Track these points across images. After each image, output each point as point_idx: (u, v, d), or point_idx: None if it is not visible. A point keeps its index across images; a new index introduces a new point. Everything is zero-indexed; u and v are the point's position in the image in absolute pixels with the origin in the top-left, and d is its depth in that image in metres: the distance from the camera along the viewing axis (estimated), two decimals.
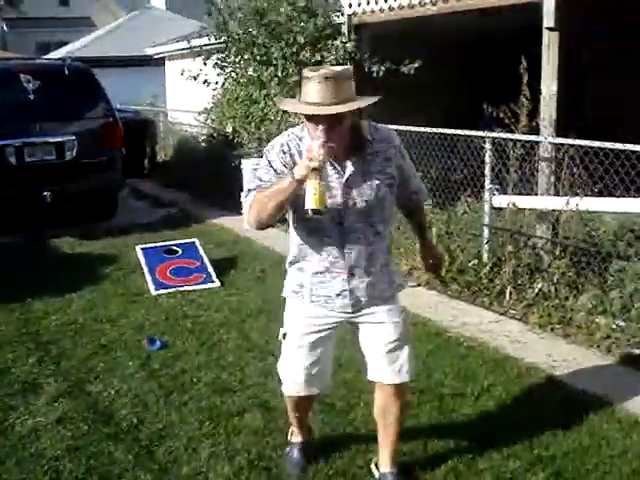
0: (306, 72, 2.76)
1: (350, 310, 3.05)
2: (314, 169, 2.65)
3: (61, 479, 3.41)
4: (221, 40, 9.47)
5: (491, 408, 4.05)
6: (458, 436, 3.71)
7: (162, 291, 6.29)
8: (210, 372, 4.56)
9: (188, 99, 13.67)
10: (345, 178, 2.87)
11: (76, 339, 5.21)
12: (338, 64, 8.28)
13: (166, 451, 3.63)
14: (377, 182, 2.90)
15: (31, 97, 8.57)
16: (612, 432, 3.73)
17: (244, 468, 3.45)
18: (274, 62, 8.56)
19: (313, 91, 2.70)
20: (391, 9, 7.75)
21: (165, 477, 3.40)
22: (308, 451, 3.47)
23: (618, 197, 5.29)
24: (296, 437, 3.50)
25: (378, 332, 3.08)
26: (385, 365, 3.09)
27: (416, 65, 7.96)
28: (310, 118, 2.75)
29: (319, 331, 3.09)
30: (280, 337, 3.19)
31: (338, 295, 3.01)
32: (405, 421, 3.73)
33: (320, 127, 2.72)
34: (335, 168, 2.87)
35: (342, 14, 8.56)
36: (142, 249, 7.07)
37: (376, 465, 3.32)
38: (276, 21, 8.44)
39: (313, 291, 3.04)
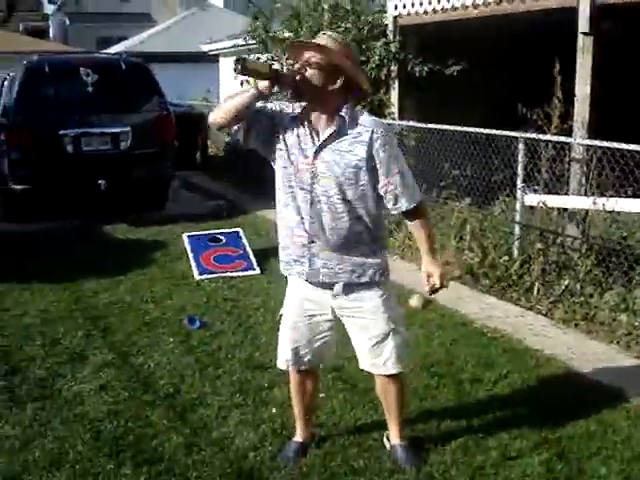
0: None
1: (312, 280, 3.20)
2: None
3: (101, 438, 3.73)
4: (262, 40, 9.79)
5: (506, 394, 4.25)
6: (472, 418, 3.91)
7: (205, 276, 6.61)
8: (244, 350, 4.86)
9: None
10: (317, 146, 3.06)
11: (122, 316, 5.57)
12: (382, 65, 8.56)
13: (198, 418, 3.93)
14: (345, 160, 3.04)
15: (89, 90, 9.00)
16: (619, 420, 3.90)
17: (268, 435, 3.72)
18: None
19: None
20: (435, 11, 7.98)
21: (196, 439, 3.69)
22: (303, 454, 3.54)
23: None
24: (297, 435, 3.63)
25: (361, 327, 3.27)
26: (370, 359, 3.32)
27: (459, 67, 8.15)
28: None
29: (307, 312, 3.32)
30: (278, 317, 3.50)
31: (296, 261, 3.20)
32: (423, 403, 4.01)
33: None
34: (311, 137, 3.08)
35: (387, 16, 8.80)
36: (188, 237, 7.40)
37: (387, 438, 3.57)
38: (317, 23, 8.72)
39: (281, 257, 3.28)
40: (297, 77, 3.01)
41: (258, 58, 9.30)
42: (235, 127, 3.13)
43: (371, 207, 3.15)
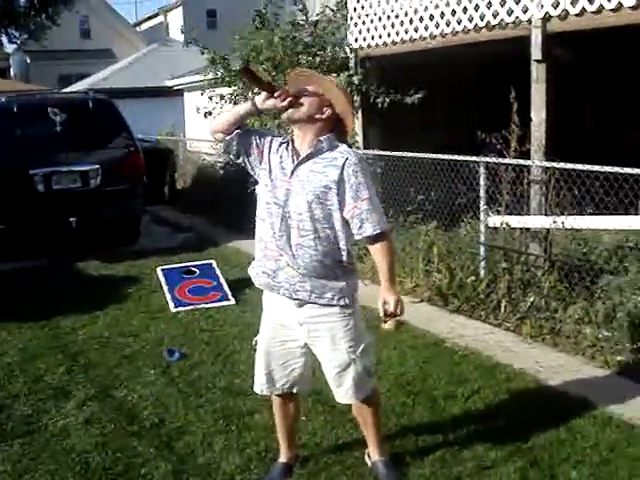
0: None
1: (283, 294, 3.34)
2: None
3: (90, 468, 3.84)
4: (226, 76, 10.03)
5: (479, 408, 4.44)
6: (447, 432, 4.09)
7: (181, 308, 6.73)
8: (224, 379, 4.98)
9: (206, 128, 14.19)
10: (294, 165, 3.27)
11: (102, 351, 5.67)
12: None
13: (184, 445, 4.05)
14: (317, 179, 3.22)
15: (58, 128, 9.10)
16: (587, 427, 4.11)
17: (253, 459, 3.86)
18: None
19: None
20: (394, 43, 8.26)
21: (183, 466, 3.82)
22: (288, 474, 3.69)
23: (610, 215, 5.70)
24: (281, 456, 3.75)
25: (323, 356, 3.43)
26: (334, 387, 3.49)
27: (420, 95, 8.42)
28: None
29: (280, 338, 3.47)
30: (254, 343, 3.66)
31: (264, 273, 3.38)
32: (400, 420, 4.17)
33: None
34: (292, 158, 3.30)
35: (349, 48, 9.08)
36: (162, 270, 7.52)
37: (368, 455, 3.72)
38: (274, 57, 8.98)
39: (254, 268, 3.45)
40: (290, 98, 3.23)
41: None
42: (228, 137, 3.37)
43: (337, 230, 3.27)
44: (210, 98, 10.69)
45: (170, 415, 4.44)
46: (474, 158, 6.49)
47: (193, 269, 7.56)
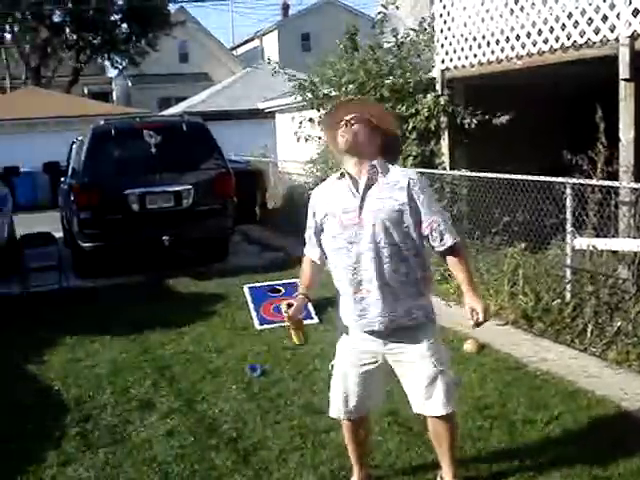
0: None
1: (375, 328, 3.36)
2: (289, 318, 3.41)
3: (169, 479, 3.98)
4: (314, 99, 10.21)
5: (558, 434, 4.35)
6: (524, 458, 4.03)
7: (266, 326, 6.86)
8: (303, 396, 5.06)
9: (296, 150, 14.44)
10: (359, 199, 3.31)
11: (187, 366, 5.85)
12: (431, 117, 8.83)
13: (260, 460, 4.14)
14: (388, 206, 3.27)
15: (152, 150, 9.45)
16: None
17: (326, 477, 3.92)
18: None
19: (341, 106, 3.54)
20: (480, 63, 8.23)
21: None
22: None
23: None
24: (354, 476, 3.81)
25: (410, 370, 3.43)
26: (422, 401, 3.46)
27: (507, 117, 8.35)
28: (338, 123, 3.39)
29: (358, 362, 3.49)
30: (330, 367, 3.68)
31: (353, 315, 3.40)
32: (476, 444, 4.13)
33: (342, 126, 3.35)
34: (351, 191, 3.34)
35: (436, 69, 9.11)
36: (249, 288, 7.68)
37: (441, 477, 3.71)
38: (356, 80, 9.09)
39: (344, 311, 3.47)
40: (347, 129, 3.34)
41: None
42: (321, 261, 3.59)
43: (415, 247, 3.35)
44: (300, 123, 10.89)
45: (248, 430, 4.55)
46: (560, 179, 6.39)
47: (279, 287, 7.68)
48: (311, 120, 10.48)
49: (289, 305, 3.42)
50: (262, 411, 4.83)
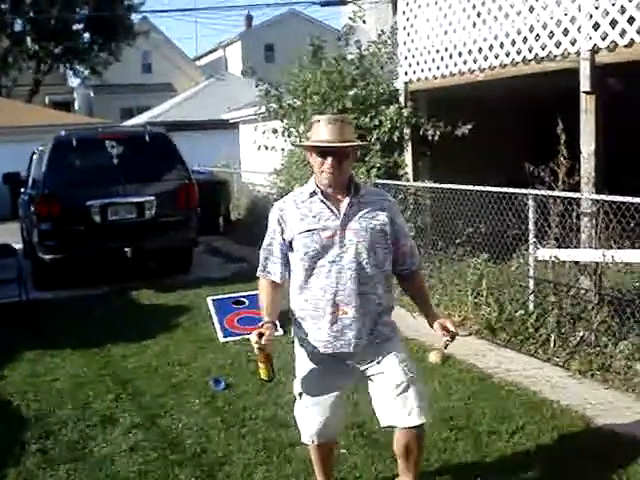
0: (315, 117, 3.32)
1: (349, 350, 3.28)
2: (259, 348, 3.20)
3: None
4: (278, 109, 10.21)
5: (523, 445, 4.36)
6: (489, 469, 4.05)
7: (230, 338, 6.80)
8: (268, 410, 5.01)
9: (260, 161, 14.41)
10: (340, 220, 3.24)
11: (150, 379, 5.77)
12: (394, 128, 8.86)
13: (225, 475, 4.09)
14: (371, 226, 3.25)
15: (115, 161, 9.35)
16: (635, 467, 3.99)
17: None
18: None
19: (324, 131, 3.20)
20: (443, 76, 8.29)
21: None
22: None
23: None
24: None
25: (381, 381, 3.35)
26: (399, 409, 3.32)
27: (469, 127, 8.42)
28: (321, 153, 3.20)
29: (329, 386, 3.40)
30: (296, 394, 3.52)
31: (327, 340, 3.28)
32: (442, 455, 4.13)
33: (329, 160, 3.17)
34: (332, 211, 3.25)
35: (399, 82, 9.17)
36: (212, 300, 7.61)
37: None
38: (320, 90, 9.12)
39: (312, 335, 3.32)
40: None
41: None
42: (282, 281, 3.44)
43: (387, 269, 3.35)
44: (264, 132, 10.86)
45: (213, 445, 4.49)
46: (523, 191, 6.44)
47: (243, 299, 7.62)
48: (275, 131, 10.46)
49: (260, 335, 3.20)
50: (226, 425, 4.77)
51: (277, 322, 6.90)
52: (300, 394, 3.49)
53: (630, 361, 5.38)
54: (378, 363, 3.36)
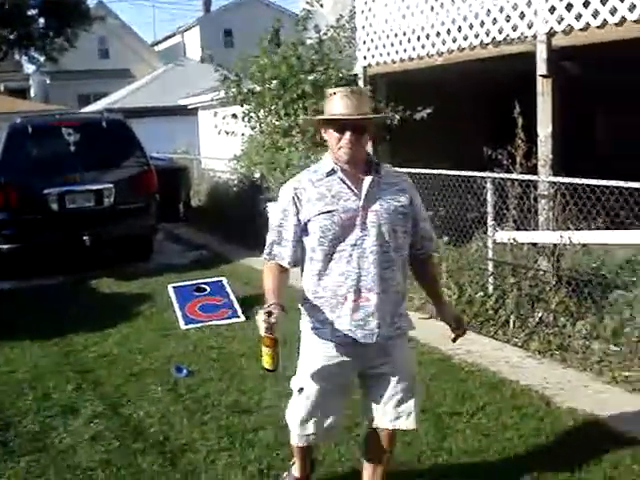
0: (330, 90, 3.10)
1: (372, 341, 3.07)
2: (267, 329, 2.88)
3: None
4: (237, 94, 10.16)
5: (484, 424, 4.42)
6: (451, 449, 4.09)
7: (191, 326, 6.77)
8: (230, 396, 5.00)
9: (220, 146, 14.32)
10: (362, 200, 3.02)
11: (111, 368, 5.71)
12: None
13: (188, 462, 4.07)
14: (392, 207, 3.05)
15: (72, 148, 9.23)
16: (593, 443, 4.08)
17: (255, 476, 3.88)
18: (288, 112, 9.19)
19: (339, 103, 2.97)
20: (402, 60, 8.32)
21: None
22: None
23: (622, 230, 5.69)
24: (295, 470, 3.58)
25: (386, 380, 3.19)
26: (394, 412, 3.22)
27: (428, 111, 8.46)
28: (338, 128, 2.98)
29: (338, 381, 3.18)
30: (295, 390, 3.26)
31: (350, 330, 3.06)
32: (404, 438, 4.15)
33: (347, 135, 2.96)
34: (353, 191, 3.02)
35: (358, 66, 9.17)
36: (173, 288, 7.57)
37: None
38: (278, 75, 9.10)
39: (331, 325, 3.08)
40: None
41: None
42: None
43: (405, 254, 3.16)
44: (224, 118, 10.80)
45: (175, 432, 4.47)
46: (481, 174, 6.50)
47: (204, 286, 7.60)
48: (235, 116, 10.41)
49: (269, 314, 2.89)
50: (189, 412, 4.75)
51: (238, 306, 7.02)
52: (301, 389, 3.22)
53: (587, 340, 5.49)
54: (391, 361, 3.18)
